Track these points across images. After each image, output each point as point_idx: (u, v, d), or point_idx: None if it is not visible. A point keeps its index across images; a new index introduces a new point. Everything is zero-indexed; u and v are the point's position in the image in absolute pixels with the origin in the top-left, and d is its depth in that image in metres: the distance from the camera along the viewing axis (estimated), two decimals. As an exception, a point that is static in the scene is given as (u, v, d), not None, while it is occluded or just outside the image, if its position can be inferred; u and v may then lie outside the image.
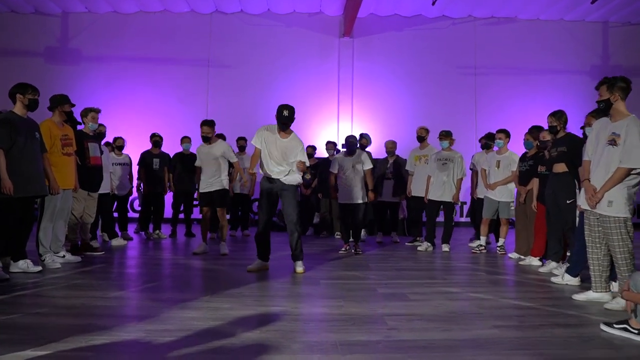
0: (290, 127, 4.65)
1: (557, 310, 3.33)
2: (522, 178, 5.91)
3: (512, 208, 6.42)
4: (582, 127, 5.39)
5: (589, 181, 3.55)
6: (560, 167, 4.78)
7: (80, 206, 5.29)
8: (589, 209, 3.55)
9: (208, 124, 5.76)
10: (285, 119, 4.51)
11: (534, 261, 5.45)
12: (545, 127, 6.43)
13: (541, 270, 5.02)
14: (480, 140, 7.91)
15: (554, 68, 11.56)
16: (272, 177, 4.59)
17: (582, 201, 3.65)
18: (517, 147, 6.51)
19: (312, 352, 2.39)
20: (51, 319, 2.86)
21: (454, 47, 11.37)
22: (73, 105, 4.95)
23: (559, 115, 4.86)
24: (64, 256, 4.87)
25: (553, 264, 4.98)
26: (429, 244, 6.57)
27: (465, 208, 10.90)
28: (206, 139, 5.74)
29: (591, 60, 11.70)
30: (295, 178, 4.63)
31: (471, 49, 11.49)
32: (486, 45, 11.47)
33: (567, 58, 11.60)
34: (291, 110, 4.54)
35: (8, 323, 2.74)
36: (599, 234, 3.53)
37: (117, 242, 6.50)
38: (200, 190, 5.81)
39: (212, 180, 5.70)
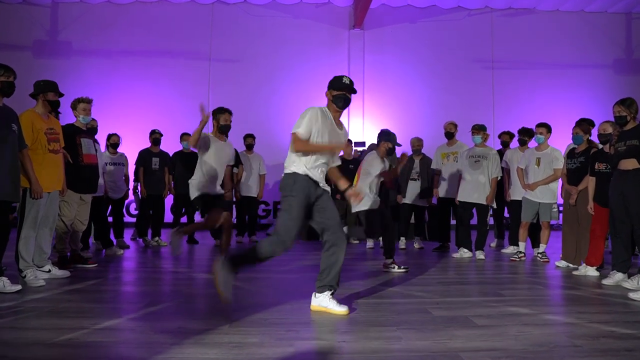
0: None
1: (669, 340, 2.64)
2: (572, 177, 5.24)
3: (555, 210, 5.77)
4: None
5: None
6: (630, 164, 4.10)
7: (71, 212, 4.55)
8: None
9: (229, 111, 4.71)
10: (349, 88, 3.25)
11: (591, 271, 4.77)
12: (567, 123, 5.83)
13: (605, 282, 4.33)
14: (500, 137, 7.25)
15: (575, 61, 10.98)
16: (315, 179, 3.21)
17: None
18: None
19: (395, 421, 1.69)
20: (25, 365, 2.14)
21: (470, 39, 10.77)
22: (60, 95, 4.22)
23: (628, 103, 4.19)
24: (49, 271, 4.14)
25: (619, 275, 4.30)
26: (465, 250, 5.89)
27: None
28: (227, 128, 4.65)
29: (614, 53, 11.13)
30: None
31: (488, 41, 10.88)
32: (504, 38, 10.87)
33: (589, 51, 11.02)
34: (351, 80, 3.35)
35: (-35, 374, 2.02)
36: None
37: (111, 251, 5.77)
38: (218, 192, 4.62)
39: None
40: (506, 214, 7.13)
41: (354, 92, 3.32)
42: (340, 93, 3.26)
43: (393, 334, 2.67)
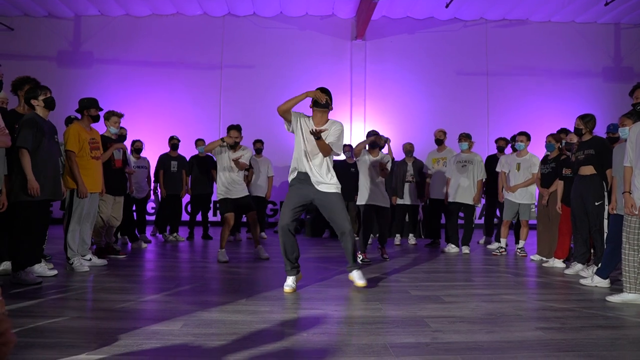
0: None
1: (595, 312, 3.32)
2: (544, 180, 5.92)
3: (533, 210, 6.42)
4: (608, 132, 5.42)
5: (630, 193, 3.60)
6: (588, 170, 4.77)
7: (107, 209, 5.31)
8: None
9: (237, 128, 5.62)
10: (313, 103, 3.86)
11: (558, 263, 5.45)
12: (558, 129, 6.47)
13: (567, 272, 5.02)
14: (497, 142, 7.82)
15: (566, 70, 11.58)
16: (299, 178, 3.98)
17: (619, 207, 3.68)
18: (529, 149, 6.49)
19: (366, 354, 2.39)
20: (95, 323, 2.86)
21: (466, 49, 11.40)
22: (100, 110, 4.95)
23: (586, 120, 4.87)
24: (90, 259, 4.89)
25: (579, 265, 4.98)
26: (452, 246, 6.57)
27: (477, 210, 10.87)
28: (234, 144, 5.57)
29: (603, 62, 11.72)
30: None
31: (483, 51, 11.51)
32: (498, 48, 11.49)
33: (579, 60, 11.62)
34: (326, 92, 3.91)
35: (55, 327, 2.75)
36: (637, 236, 3.55)
37: (137, 245, 6.52)
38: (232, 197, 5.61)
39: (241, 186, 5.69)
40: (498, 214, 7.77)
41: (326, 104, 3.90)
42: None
43: (375, 306, 3.38)
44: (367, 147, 5.77)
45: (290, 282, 3.88)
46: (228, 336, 2.62)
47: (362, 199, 5.73)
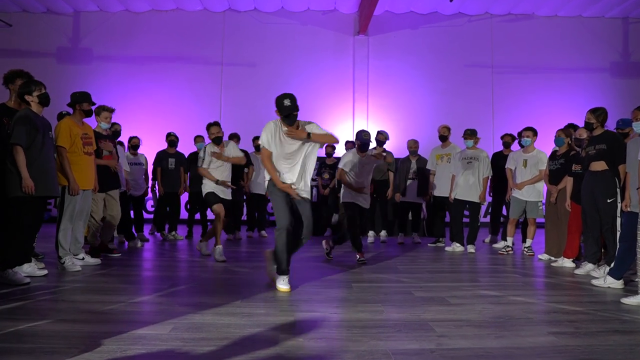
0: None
1: (610, 316, 3.13)
2: (553, 177, 5.72)
3: (541, 208, 6.23)
4: (618, 128, 5.21)
5: None
6: (599, 165, 4.57)
7: (99, 209, 5.14)
8: None
9: (216, 124, 5.64)
10: (290, 109, 3.77)
11: (567, 262, 5.26)
12: (564, 125, 6.24)
13: (577, 272, 4.83)
14: (502, 138, 7.62)
15: (573, 65, 11.36)
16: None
17: (634, 204, 3.50)
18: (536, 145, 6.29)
19: (366, 362, 2.22)
20: (79, 326, 2.70)
21: (470, 44, 11.20)
22: (93, 104, 4.79)
23: (598, 113, 4.67)
24: (83, 258, 4.73)
25: (590, 265, 4.78)
26: (457, 244, 6.38)
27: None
28: (218, 140, 5.54)
29: (611, 57, 11.49)
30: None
31: (488, 46, 11.31)
32: (503, 42, 11.29)
33: (586, 55, 11.40)
34: (293, 98, 3.83)
35: (36, 330, 2.59)
36: (653, 235, 3.38)
37: (133, 243, 6.36)
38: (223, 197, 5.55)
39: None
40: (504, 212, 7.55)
41: (296, 110, 3.82)
42: (284, 115, 3.83)
43: (376, 309, 3.21)
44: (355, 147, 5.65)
45: (285, 280, 3.79)
46: (218, 341, 2.46)
47: (345, 197, 5.52)
